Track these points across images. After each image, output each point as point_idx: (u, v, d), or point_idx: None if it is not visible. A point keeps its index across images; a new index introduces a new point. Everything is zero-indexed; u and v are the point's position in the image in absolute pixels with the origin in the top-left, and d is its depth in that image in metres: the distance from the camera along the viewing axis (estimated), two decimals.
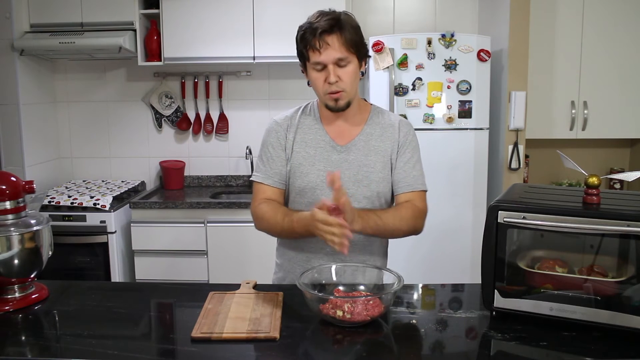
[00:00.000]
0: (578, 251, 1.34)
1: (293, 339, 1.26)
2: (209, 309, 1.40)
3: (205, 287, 1.57)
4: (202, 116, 3.67)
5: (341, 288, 1.44)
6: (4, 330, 1.33)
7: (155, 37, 3.32)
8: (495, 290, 1.35)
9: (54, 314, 1.44)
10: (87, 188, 3.42)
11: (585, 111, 3.32)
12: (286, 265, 1.74)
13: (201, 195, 3.43)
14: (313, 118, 1.69)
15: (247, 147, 3.63)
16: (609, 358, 1.17)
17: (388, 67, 3.05)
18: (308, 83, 1.63)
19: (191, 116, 3.68)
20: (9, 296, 1.46)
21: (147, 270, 3.19)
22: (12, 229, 1.44)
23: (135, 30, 3.26)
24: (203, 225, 3.16)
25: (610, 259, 1.29)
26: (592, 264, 1.30)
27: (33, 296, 1.49)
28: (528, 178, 3.51)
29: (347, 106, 1.60)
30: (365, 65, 1.62)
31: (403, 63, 3.07)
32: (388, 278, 1.42)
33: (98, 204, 3.10)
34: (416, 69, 3.08)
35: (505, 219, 1.32)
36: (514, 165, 3.20)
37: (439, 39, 3.06)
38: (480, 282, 1.38)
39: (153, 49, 3.33)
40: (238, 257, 3.17)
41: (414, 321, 1.37)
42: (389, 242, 1.79)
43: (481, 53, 3.07)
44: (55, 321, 1.41)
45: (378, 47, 3.04)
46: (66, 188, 3.41)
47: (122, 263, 3.22)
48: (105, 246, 3.12)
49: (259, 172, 1.69)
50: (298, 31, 1.57)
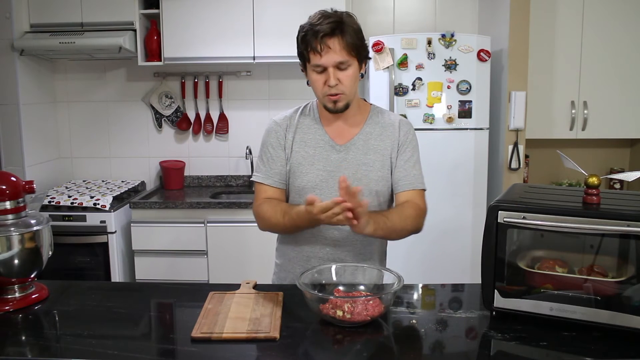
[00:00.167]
0: (578, 251, 1.34)
1: (293, 339, 1.26)
2: (209, 309, 1.40)
3: (205, 287, 1.57)
4: (202, 116, 3.67)
5: (341, 288, 1.44)
6: (4, 330, 1.33)
7: (155, 37, 3.32)
8: (495, 290, 1.35)
9: (54, 314, 1.44)
10: (87, 188, 3.42)
11: (585, 111, 3.32)
12: (286, 265, 1.74)
13: (201, 195, 3.43)
14: (312, 118, 1.69)
15: (247, 147, 3.63)
16: (609, 358, 1.17)
17: (388, 67, 3.05)
18: (307, 83, 1.62)
19: (191, 116, 3.68)
20: (9, 296, 1.47)
21: (147, 270, 3.19)
22: (12, 229, 1.44)
23: (135, 30, 3.26)
24: (203, 225, 3.16)
25: (610, 259, 1.29)
26: (592, 264, 1.30)
27: (33, 296, 1.49)
28: (528, 178, 3.51)
29: (346, 108, 1.60)
30: (365, 67, 1.62)
31: (403, 63, 3.07)
32: (388, 278, 1.42)
33: (98, 204, 3.10)
34: (416, 69, 3.08)
35: (505, 219, 1.32)
36: (514, 165, 3.19)
37: (439, 39, 3.06)
38: (480, 282, 1.38)
39: (153, 49, 3.33)
40: (238, 257, 3.17)
41: (414, 321, 1.37)
42: (388, 242, 1.79)
43: (481, 53, 3.07)
44: (55, 321, 1.41)
45: (378, 47, 3.04)
46: (66, 188, 3.41)
47: (122, 263, 3.22)
48: (105, 246, 3.12)
49: (260, 173, 1.69)
50: (299, 31, 1.57)
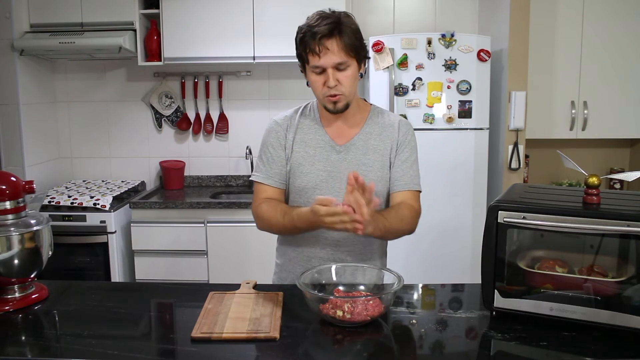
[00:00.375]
0: (578, 251, 1.34)
1: (293, 339, 1.26)
2: (209, 309, 1.40)
3: (205, 287, 1.57)
4: (202, 116, 3.67)
5: (341, 288, 1.44)
6: (4, 330, 1.33)
7: (155, 37, 3.32)
8: (495, 290, 1.35)
9: (54, 314, 1.44)
10: (87, 188, 3.42)
11: (585, 111, 3.32)
12: (287, 265, 1.74)
13: (201, 195, 3.43)
14: (312, 118, 1.69)
15: (247, 147, 3.63)
16: (609, 358, 1.17)
17: (388, 67, 3.05)
18: (307, 84, 1.62)
19: (191, 116, 3.68)
20: (9, 296, 1.47)
21: (147, 270, 3.19)
22: (12, 229, 1.44)
23: (135, 30, 3.26)
24: (203, 225, 3.16)
25: (610, 259, 1.29)
26: (592, 264, 1.30)
27: (33, 296, 1.49)
28: (528, 178, 3.51)
29: (346, 108, 1.60)
30: (364, 67, 1.62)
31: (403, 63, 3.07)
32: (388, 278, 1.42)
33: (98, 204, 3.10)
34: (416, 69, 3.08)
35: (505, 219, 1.32)
36: (514, 165, 3.19)
37: (439, 39, 3.06)
38: (480, 282, 1.38)
39: (153, 49, 3.33)
40: (238, 257, 3.17)
41: (414, 321, 1.37)
42: (388, 242, 1.79)
43: (481, 53, 3.07)
44: (55, 321, 1.41)
45: (378, 47, 3.04)
46: (66, 188, 3.41)
47: (122, 263, 3.22)
48: (105, 246, 3.12)
49: (259, 172, 1.68)
50: (297, 33, 1.56)
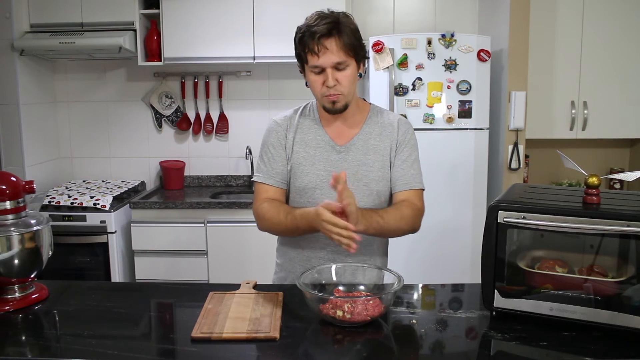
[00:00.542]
0: (578, 251, 1.34)
1: (293, 339, 1.26)
2: (209, 309, 1.40)
3: (205, 287, 1.57)
4: (202, 116, 3.67)
5: (341, 288, 1.44)
6: (4, 330, 1.33)
7: (155, 37, 3.32)
8: (495, 290, 1.35)
9: (54, 314, 1.44)
10: (87, 188, 3.42)
11: (585, 111, 3.32)
12: (287, 265, 1.74)
13: (201, 195, 3.43)
14: (312, 118, 1.69)
15: (247, 147, 3.63)
16: (609, 358, 1.17)
17: (388, 67, 3.05)
18: (306, 84, 1.63)
19: (191, 116, 3.68)
20: (9, 296, 1.47)
21: (147, 270, 3.19)
22: (12, 229, 1.44)
23: (135, 30, 3.26)
24: (203, 225, 3.16)
25: (610, 259, 1.29)
26: (592, 264, 1.30)
27: (33, 296, 1.49)
28: (528, 178, 3.51)
29: (345, 108, 1.60)
30: (363, 67, 1.62)
31: (403, 63, 3.07)
32: (388, 278, 1.42)
33: (98, 204, 3.10)
34: (416, 69, 3.08)
35: (505, 219, 1.32)
36: (514, 165, 3.19)
37: (439, 39, 3.06)
38: (480, 282, 1.38)
39: (153, 49, 3.33)
40: (238, 257, 3.17)
41: (414, 321, 1.37)
42: (389, 242, 1.80)
43: (481, 53, 3.07)
44: (55, 321, 1.41)
45: (378, 47, 3.04)
46: (66, 188, 3.41)
47: (122, 263, 3.22)
48: (105, 246, 3.12)
49: (260, 173, 1.69)
50: (296, 33, 1.57)
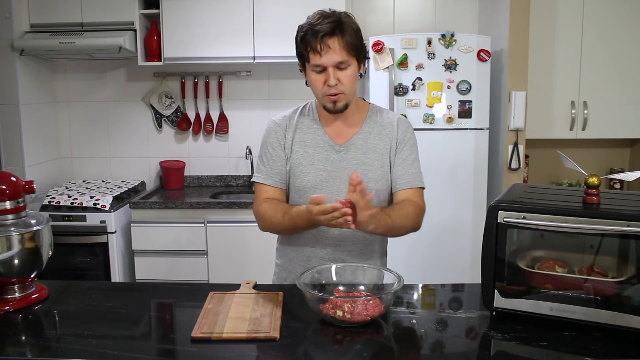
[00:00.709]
0: (578, 251, 1.34)
1: (293, 339, 1.26)
2: (209, 309, 1.40)
3: (205, 287, 1.57)
4: (202, 116, 3.67)
5: (341, 288, 1.44)
6: (4, 330, 1.33)
7: (155, 37, 3.32)
8: (495, 290, 1.35)
9: (54, 314, 1.44)
10: (87, 188, 3.42)
11: (585, 111, 3.32)
12: (287, 265, 1.74)
13: (201, 195, 3.43)
14: (311, 118, 1.69)
15: (247, 147, 3.63)
16: (609, 358, 1.17)
17: (388, 67, 3.05)
18: (306, 83, 1.63)
19: (191, 116, 3.68)
20: (9, 296, 1.47)
21: (147, 270, 3.19)
22: (12, 229, 1.44)
23: (135, 30, 3.26)
24: (203, 225, 3.16)
25: (610, 259, 1.29)
26: (592, 264, 1.30)
27: (33, 296, 1.49)
28: (528, 178, 3.51)
29: (345, 108, 1.60)
30: (364, 67, 1.62)
31: (403, 63, 3.07)
32: (388, 278, 1.42)
33: (98, 204, 3.10)
34: (416, 69, 3.08)
35: (505, 219, 1.32)
36: (514, 165, 3.19)
37: (439, 39, 3.06)
38: (480, 282, 1.38)
39: (153, 49, 3.33)
40: (238, 257, 3.17)
41: (414, 321, 1.37)
42: (389, 241, 1.80)
43: (481, 53, 3.07)
44: (55, 321, 1.41)
45: (378, 47, 3.04)
46: (66, 188, 3.41)
47: (122, 263, 3.22)
48: (105, 246, 3.12)
49: (260, 173, 1.69)
50: (298, 31, 1.57)
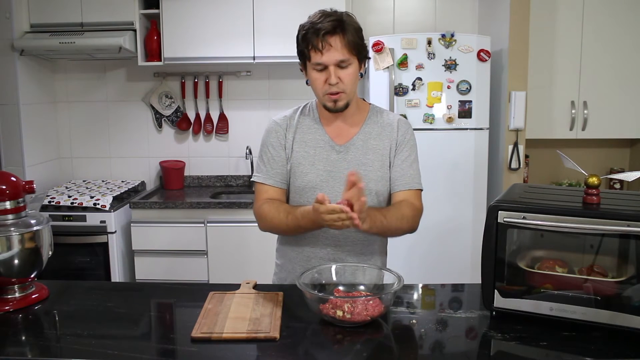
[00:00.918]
0: (578, 251, 1.34)
1: (293, 339, 1.26)
2: (209, 309, 1.40)
3: (205, 287, 1.57)
4: (202, 116, 3.67)
5: (341, 288, 1.44)
6: (4, 330, 1.33)
7: (155, 37, 3.32)
8: (495, 290, 1.35)
9: (54, 314, 1.44)
10: (87, 188, 3.42)
11: (585, 111, 3.32)
12: (287, 265, 1.74)
13: (201, 195, 3.43)
14: (312, 118, 1.69)
15: (247, 147, 3.63)
16: (609, 358, 1.17)
17: (388, 67, 3.05)
18: (307, 82, 1.63)
19: (191, 116, 3.68)
20: (9, 296, 1.47)
21: (147, 270, 3.19)
22: (12, 229, 1.44)
23: (135, 30, 3.26)
24: (203, 225, 3.16)
25: (610, 259, 1.29)
26: (592, 264, 1.30)
27: (33, 296, 1.49)
28: (528, 178, 3.51)
29: (346, 107, 1.60)
30: (364, 67, 1.62)
31: (403, 63, 3.07)
32: (388, 278, 1.42)
33: (98, 204, 3.10)
34: (416, 69, 3.08)
35: (505, 219, 1.32)
36: (514, 165, 3.19)
37: (439, 39, 3.06)
38: (480, 282, 1.38)
39: (153, 49, 3.33)
40: (238, 257, 3.17)
41: (414, 321, 1.37)
42: (389, 241, 1.80)
43: (481, 53, 3.07)
44: (55, 321, 1.41)
45: (378, 47, 3.04)
46: (66, 188, 3.41)
47: (122, 263, 3.22)
48: (105, 246, 3.12)
49: (260, 173, 1.69)
50: (299, 30, 1.57)
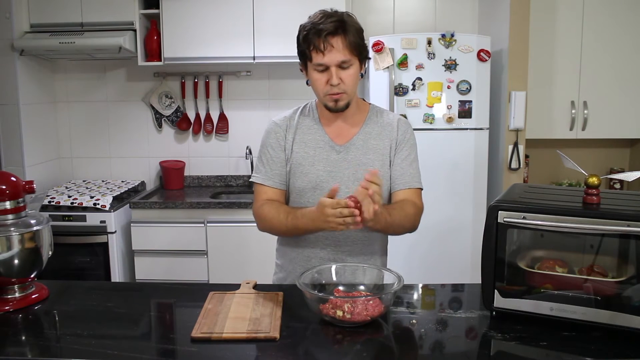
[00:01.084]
0: (578, 251, 1.34)
1: (293, 339, 1.26)
2: (209, 309, 1.40)
3: (205, 287, 1.57)
4: (202, 116, 3.67)
5: (341, 288, 1.44)
6: (4, 330, 1.33)
7: (155, 37, 3.32)
8: (495, 290, 1.35)
9: (54, 314, 1.44)
10: (87, 188, 3.42)
11: (585, 111, 3.32)
12: (287, 265, 1.74)
13: (201, 195, 3.43)
14: (312, 118, 1.69)
15: (247, 147, 3.63)
16: (609, 358, 1.17)
17: (388, 67, 3.05)
18: (307, 82, 1.63)
19: (191, 116, 3.68)
20: (9, 296, 1.47)
21: (147, 270, 3.19)
22: (12, 229, 1.44)
23: (135, 30, 3.26)
24: (203, 225, 3.16)
25: (610, 259, 1.29)
26: (592, 264, 1.30)
27: (33, 296, 1.49)
28: (528, 178, 3.51)
29: (346, 107, 1.61)
30: (364, 67, 1.62)
31: (403, 63, 3.07)
32: (388, 278, 1.42)
33: (98, 204, 3.10)
34: (416, 69, 3.08)
35: (505, 219, 1.32)
36: (514, 165, 3.19)
37: (439, 39, 3.06)
38: (480, 282, 1.38)
39: (153, 49, 3.33)
40: (238, 257, 3.17)
41: (414, 321, 1.37)
42: (389, 241, 1.80)
43: (481, 53, 3.07)
44: (55, 321, 1.41)
45: (378, 47, 3.04)
46: (66, 188, 3.41)
47: (122, 263, 3.22)
48: (105, 246, 3.12)
49: (259, 174, 1.69)
50: (300, 30, 1.57)
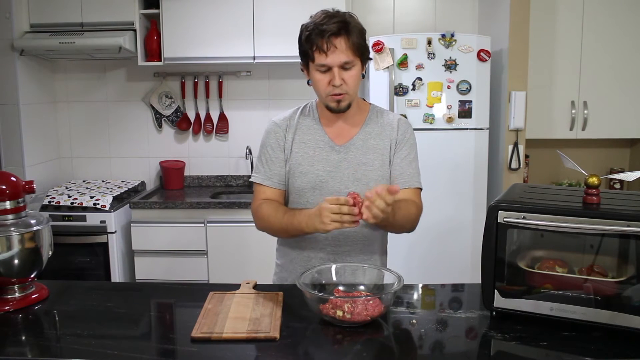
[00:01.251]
0: (578, 251, 1.34)
1: (293, 339, 1.26)
2: (209, 309, 1.40)
3: (205, 287, 1.57)
4: (202, 116, 3.67)
5: (341, 288, 1.44)
6: (4, 330, 1.33)
7: (155, 37, 3.32)
8: (495, 290, 1.35)
9: (54, 314, 1.44)
10: (87, 188, 3.42)
11: (585, 111, 3.32)
12: (287, 265, 1.74)
13: (201, 195, 3.43)
14: (312, 118, 1.69)
15: (247, 147, 3.63)
16: (609, 358, 1.17)
17: (388, 67, 3.05)
18: (308, 82, 1.62)
19: (191, 116, 3.68)
20: (9, 296, 1.47)
21: (147, 270, 3.19)
22: (12, 229, 1.44)
23: (135, 30, 3.26)
24: (203, 225, 3.16)
25: (610, 259, 1.29)
26: (592, 264, 1.30)
27: (33, 296, 1.49)
28: (528, 178, 3.51)
29: (348, 108, 1.61)
30: (365, 67, 1.62)
31: (403, 63, 3.07)
32: (388, 278, 1.42)
33: (98, 204, 3.10)
34: (416, 69, 3.08)
35: (505, 219, 1.32)
36: (514, 165, 3.19)
37: (439, 39, 3.06)
38: (480, 282, 1.38)
39: (153, 49, 3.33)
40: (238, 257, 3.17)
41: (414, 321, 1.37)
42: (389, 241, 1.80)
43: (481, 53, 3.07)
44: (55, 321, 1.41)
45: (378, 47, 3.04)
46: (66, 188, 3.41)
47: (122, 263, 3.22)
48: (105, 246, 3.12)
49: (259, 174, 1.69)
50: (303, 30, 1.56)
